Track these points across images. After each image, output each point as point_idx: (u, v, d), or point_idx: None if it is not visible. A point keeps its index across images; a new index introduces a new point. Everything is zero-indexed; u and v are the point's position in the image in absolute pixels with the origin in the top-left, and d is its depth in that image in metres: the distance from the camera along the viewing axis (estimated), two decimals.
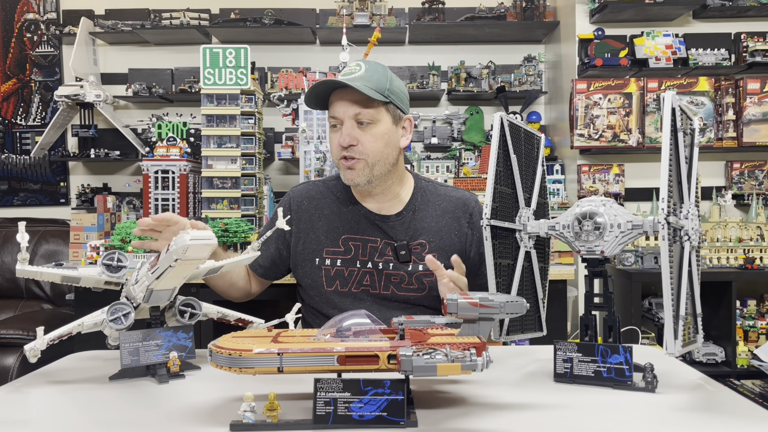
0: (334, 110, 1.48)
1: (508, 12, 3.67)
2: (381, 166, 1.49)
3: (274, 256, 1.65)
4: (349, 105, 1.46)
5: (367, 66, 1.47)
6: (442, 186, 1.65)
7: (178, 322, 1.20)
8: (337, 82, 1.44)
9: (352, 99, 1.45)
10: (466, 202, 1.60)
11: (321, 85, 1.47)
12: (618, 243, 1.06)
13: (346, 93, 1.46)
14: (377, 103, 1.46)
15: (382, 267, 1.52)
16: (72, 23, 3.81)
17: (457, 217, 1.57)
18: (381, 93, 1.45)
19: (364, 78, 1.44)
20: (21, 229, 1.02)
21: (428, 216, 1.56)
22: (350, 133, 1.46)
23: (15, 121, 4.01)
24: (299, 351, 0.88)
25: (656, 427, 0.89)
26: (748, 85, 3.28)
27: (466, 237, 1.57)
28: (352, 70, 1.47)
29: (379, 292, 1.53)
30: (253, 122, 2.94)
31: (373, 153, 1.47)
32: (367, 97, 1.44)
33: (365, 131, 1.47)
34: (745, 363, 2.99)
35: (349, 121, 1.46)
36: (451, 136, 3.85)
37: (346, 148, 1.47)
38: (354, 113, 1.46)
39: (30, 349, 1.06)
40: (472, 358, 0.82)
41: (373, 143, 1.47)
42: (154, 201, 2.96)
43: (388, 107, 1.49)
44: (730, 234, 3.07)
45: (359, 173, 1.48)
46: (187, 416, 0.93)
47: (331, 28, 3.62)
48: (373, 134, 1.47)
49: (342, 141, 1.47)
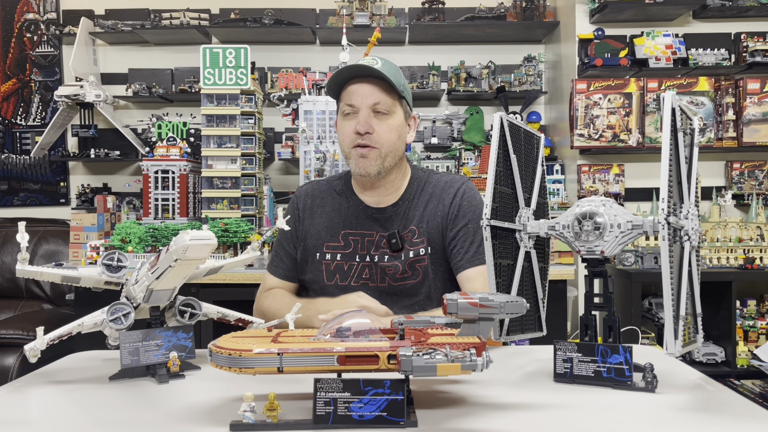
0: (352, 98, 1.49)
1: (508, 12, 3.67)
2: (392, 158, 1.52)
3: (294, 255, 1.65)
4: (370, 93, 1.47)
5: (383, 61, 1.49)
6: (435, 174, 1.66)
7: (178, 322, 1.20)
8: (364, 69, 1.45)
9: (373, 88, 1.47)
10: (453, 183, 1.60)
11: (345, 71, 1.48)
12: (618, 243, 1.06)
13: (366, 81, 1.48)
14: (395, 95, 1.50)
15: (378, 260, 1.54)
16: (72, 23, 3.82)
17: (443, 198, 1.58)
18: (399, 86, 1.49)
19: (384, 70, 1.46)
20: (21, 229, 1.02)
21: (420, 204, 1.58)
22: (367, 120, 1.47)
23: (15, 121, 4.01)
24: (299, 351, 0.88)
25: (656, 427, 0.89)
26: (748, 85, 3.28)
27: (446, 215, 1.57)
28: (372, 62, 1.48)
29: (378, 285, 1.55)
30: (253, 122, 2.94)
31: (387, 143, 1.49)
32: (388, 87, 1.47)
33: (381, 121, 1.49)
34: (745, 363, 2.99)
35: (366, 109, 1.48)
36: (451, 136, 3.85)
37: (362, 135, 1.48)
38: (374, 102, 1.47)
39: (30, 349, 1.06)
40: (472, 358, 0.82)
41: (388, 134, 1.49)
42: (154, 201, 2.96)
43: (402, 102, 1.53)
44: (730, 234, 3.07)
45: (372, 162, 1.49)
46: (187, 416, 0.93)
47: (331, 28, 3.62)
48: (389, 125, 1.50)
49: (359, 128, 1.47)
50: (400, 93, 1.50)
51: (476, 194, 1.60)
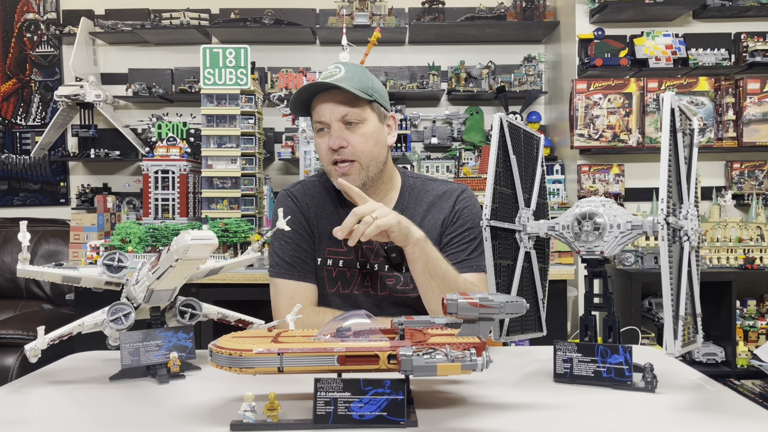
0: (320, 114, 1.45)
1: (508, 12, 3.67)
2: (374, 166, 1.47)
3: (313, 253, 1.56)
4: (336, 106, 1.42)
5: (347, 67, 1.45)
6: (430, 181, 1.61)
7: (178, 323, 1.20)
8: (323, 84, 1.41)
9: (338, 100, 1.42)
10: (451, 192, 1.56)
11: (306, 90, 1.44)
12: (617, 243, 1.06)
13: (330, 95, 1.43)
14: (363, 102, 1.44)
15: (378, 268, 1.51)
16: (72, 23, 3.82)
17: (442, 207, 1.54)
18: (365, 92, 1.43)
19: (346, 79, 1.41)
20: (22, 229, 1.02)
21: (417, 214, 1.53)
22: (339, 134, 1.43)
23: (15, 121, 4.01)
24: (299, 351, 0.88)
25: (656, 427, 0.89)
26: (748, 85, 3.28)
27: (446, 220, 1.53)
28: (333, 73, 1.44)
29: (378, 293, 1.52)
30: (253, 122, 2.94)
31: (364, 153, 1.45)
32: (353, 96, 1.41)
33: (354, 131, 1.44)
34: (745, 363, 2.99)
35: (337, 123, 1.43)
36: (451, 136, 3.85)
37: (336, 150, 1.43)
38: (341, 114, 1.42)
39: (30, 348, 1.06)
40: (472, 358, 0.82)
41: (364, 143, 1.44)
42: (154, 201, 2.96)
43: (372, 106, 1.47)
44: (730, 234, 3.07)
45: (355, 178, 1.45)
46: (188, 416, 0.93)
47: (331, 28, 3.63)
48: (362, 134, 1.45)
49: (332, 143, 1.43)
50: (368, 98, 1.44)
51: (476, 202, 1.57)
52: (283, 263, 1.52)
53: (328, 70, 1.46)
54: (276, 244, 1.55)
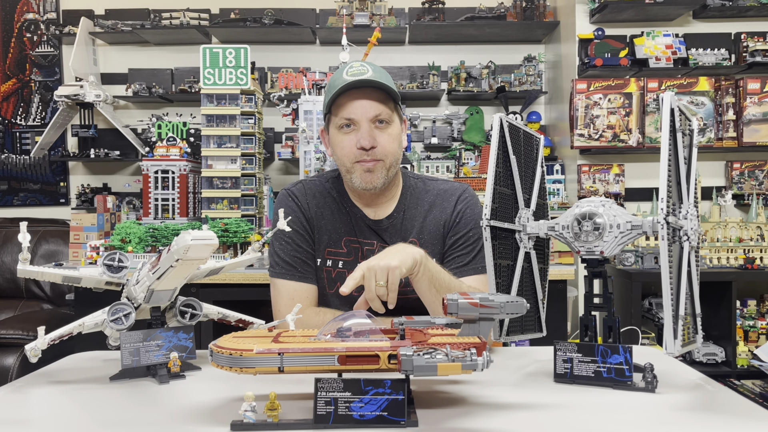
0: (350, 111, 1.41)
1: (508, 12, 3.67)
2: (395, 167, 1.47)
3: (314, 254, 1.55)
4: (370, 104, 1.40)
5: (372, 67, 1.43)
6: (431, 181, 1.60)
7: (178, 323, 1.20)
8: (366, 81, 1.38)
9: (372, 98, 1.40)
10: (453, 192, 1.55)
11: (344, 86, 1.38)
12: (617, 243, 1.06)
13: (362, 93, 1.40)
14: (392, 102, 1.44)
15: None
16: (72, 23, 3.82)
17: (444, 207, 1.53)
18: (394, 94, 1.44)
19: (377, 78, 1.39)
20: (23, 229, 1.02)
21: (418, 214, 1.53)
22: (371, 133, 1.40)
23: (15, 121, 4.01)
24: (300, 351, 0.88)
25: (656, 427, 0.89)
26: (748, 85, 3.28)
27: (448, 221, 1.52)
28: (362, 71, 1.40)
29: None
30: (253, 122, 2.94)
31: (391, 153, 1.44)
32: (385, 96, 1.40)
33: (383, 131, 1.43)
34: (745, 363, 2.99)
35: (367, 122, 1.41)
36: (451, 136, 3.85)
37: (367, 150, 1.40)
38: (375, 113, 1.40)
39: (31, 348, 1.06)
40: (472, 358, 0.82)
41: (391, 143, 1.44)
42: (154, 201, 2.96)
43: (397, 108, 1.47)
44: (730, 234, 3.07)
45: (378, 175, 1.43)
46: (188, 416, 0.93)
47: (331, 28, 3.63)
48: (390, 134, 1.44)
49: (363, 143, 1.40)
50: (395, 100, 1.44)
51: (477, 202, 1.56)
52: (283, 263, 1.51)
53: (354, 68, 1.42)
54: (276, 245, 1.54)
